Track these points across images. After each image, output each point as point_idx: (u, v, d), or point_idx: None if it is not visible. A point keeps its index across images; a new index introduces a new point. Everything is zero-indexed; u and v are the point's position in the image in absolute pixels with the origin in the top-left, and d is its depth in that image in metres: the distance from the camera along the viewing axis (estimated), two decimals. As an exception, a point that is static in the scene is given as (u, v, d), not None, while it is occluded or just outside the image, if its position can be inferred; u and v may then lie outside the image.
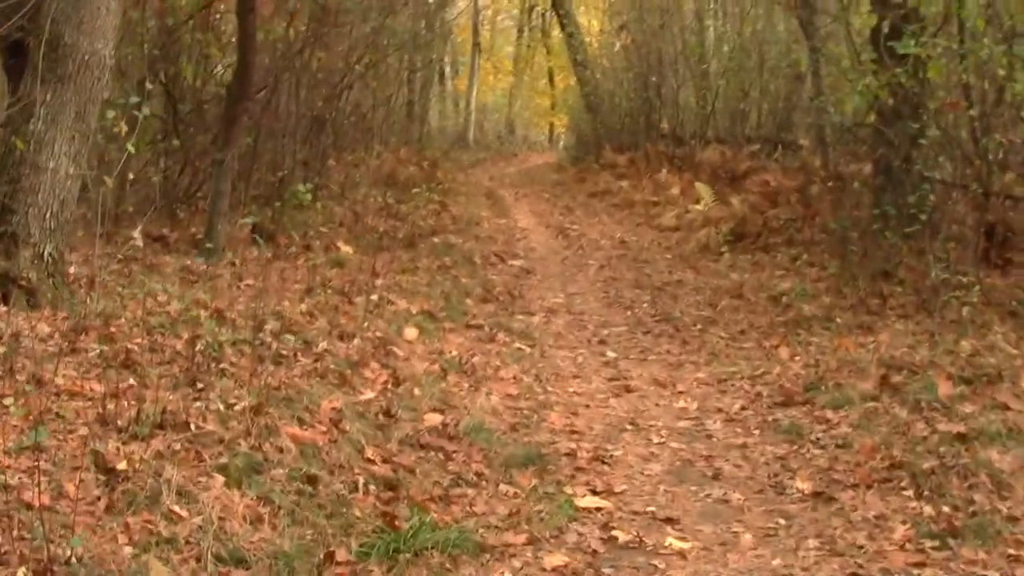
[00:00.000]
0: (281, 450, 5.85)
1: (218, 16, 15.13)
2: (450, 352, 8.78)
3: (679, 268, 13.66)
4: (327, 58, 17.95)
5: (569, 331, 10.45)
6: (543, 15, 47.16)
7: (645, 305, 11.59)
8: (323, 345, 8.05)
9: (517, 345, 9.48)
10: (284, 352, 7.71)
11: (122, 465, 5.17)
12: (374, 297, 10.10)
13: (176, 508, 4.92)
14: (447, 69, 47.66)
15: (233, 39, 14.79)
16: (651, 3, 24.74)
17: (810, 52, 17.64)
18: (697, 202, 17.19)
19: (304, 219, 14.15)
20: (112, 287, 8.76)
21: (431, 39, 37.06)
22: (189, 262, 11.27)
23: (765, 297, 11.34)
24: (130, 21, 14.54)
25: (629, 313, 11.27)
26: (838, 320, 10.01)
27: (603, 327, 10.65)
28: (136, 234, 8.40)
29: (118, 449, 5.38)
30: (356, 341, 8.37)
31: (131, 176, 12.22)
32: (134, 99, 7.64)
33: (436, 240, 14.50)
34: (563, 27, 30.20)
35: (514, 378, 8.38)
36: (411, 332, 9.08)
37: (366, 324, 8.87)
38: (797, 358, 8.97)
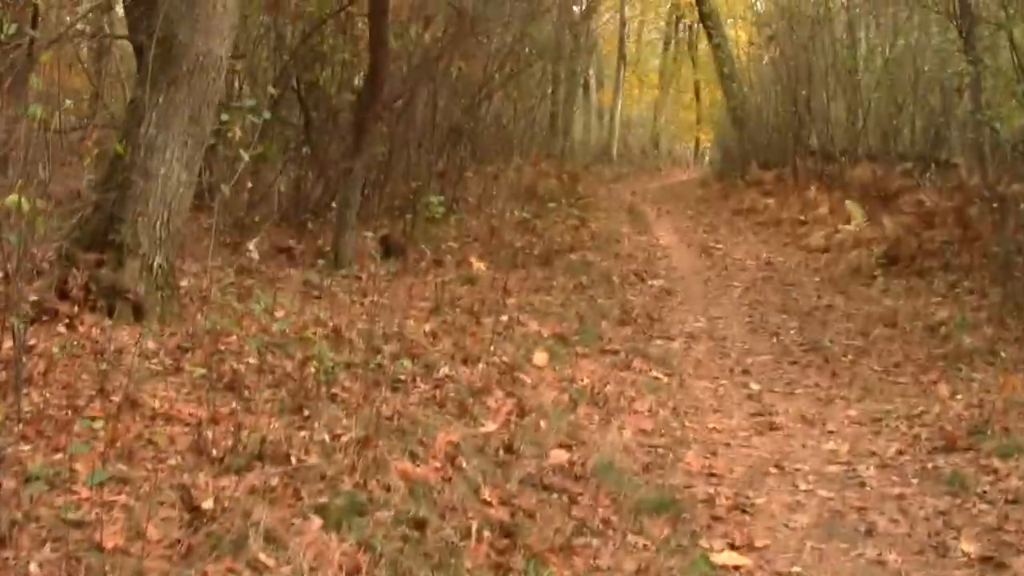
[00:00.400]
0: (388, 488, 5.33)
1: (356, 22, 14.71)
2: (581, 380, 8.18)
3: (828, 292, 12.86)
4: (467, 67, 17.53)
5: (710, 359, 9.77)
6: (690, 27, 46.41)
7: (792, 332, 10.84)
8: (444, 370, 7.53)
9: (654, 373, 8.83)
10: (402, 377, 7.21)
11: (208, 503, 4.67)
12: (504, 318, 9.56)
13: (263, 556, 4.40)
14: (592, 81, 47.16)
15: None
16: (801, 14, 23.84)
17: (969, 64, 16.67)
18: (847, 222, 16.33)
19: (437, 232, 13.71)
20: (227, 302, 8.35)
21: (575, 50, 36.71)
22: (313, 276, 10.86)
23: (921, 327, 10.52)
24: (263, 25, 14.33)
25: (775, 340, 10.53)
26: (1002, 354, 9.19)
27: (746, 355, 9.95)
28: (252, 246, 7.98)
29: (207, 484, 4.89)
30: (481, 366, 7.82)
31: (249, 184, 11.83)
32: (249, 102, 7.19)
33: (573, 257, 13.91)
34: (710, 39, 29.40)
35: (649, 411, 7.74)
36: (541, 357, 8.50)
37: (493, 348, 8.31)
38: (958, 397, 8.17)
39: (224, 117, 7.27)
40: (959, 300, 11.62)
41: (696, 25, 40.02)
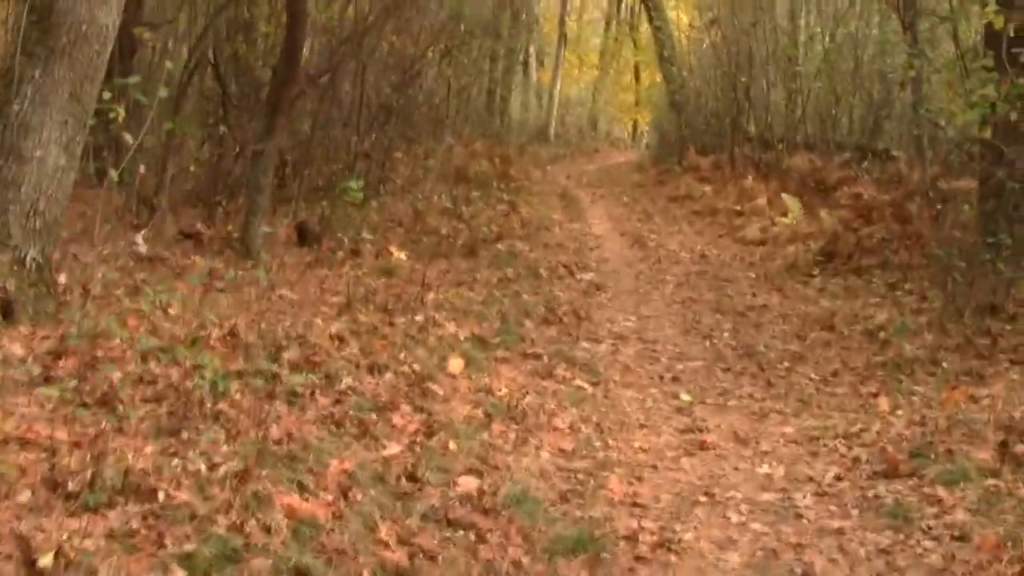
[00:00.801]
0: (269, 530, 4.69)
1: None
2: (499, 390, 7.54)
3: (764, 290, 12.31)
4: (398, 42, 16.82)
5: (639, 364, 9.17)
6: (632, 8, 45.87)
7: (726, 334, 10.27)
8: (347, 381, 6.88)
9: (578, 382, 8.21)
10: (299, 389, 6.54)
11: (47, 559, 4.00)
12: (419, 317, 8.92)
13: (104, 629, 3.75)
14: (532, 60, 46.48)
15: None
16: (743, -2, 23.34)
17: (910, 56, 16.21)
18: (784, 215, 15.82)
19: (358, 218, 13.05)
20: (114, 299, 7.64)
21: (514, 27, 35.99)
22: (220, 266, 10.16)
23: (860, 331, 9.98)
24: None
25: (707, 344, 9.95)
26: (944, 364, 8.70)
27: (678, 360, 9.36)
28: (139, 238, 7.24)
29: (55, 530, 4.23)
30: (388, 376, 7.19)
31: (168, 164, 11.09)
32: (133, 79, 6.45)
33: (500, 247, 13.26)
34: (651, 20, 28.84)
35: (570, 427, 7.11)
36: (456, 364, 7.84)
37: (404, 354, 7.67)
38: (899, 412, 7.65)
39: (106, 95, 6.52)
40: (898, 302, 11.12)
41: (638, 6, 39.49)
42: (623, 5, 47.95)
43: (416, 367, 7.44)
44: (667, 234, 16.67)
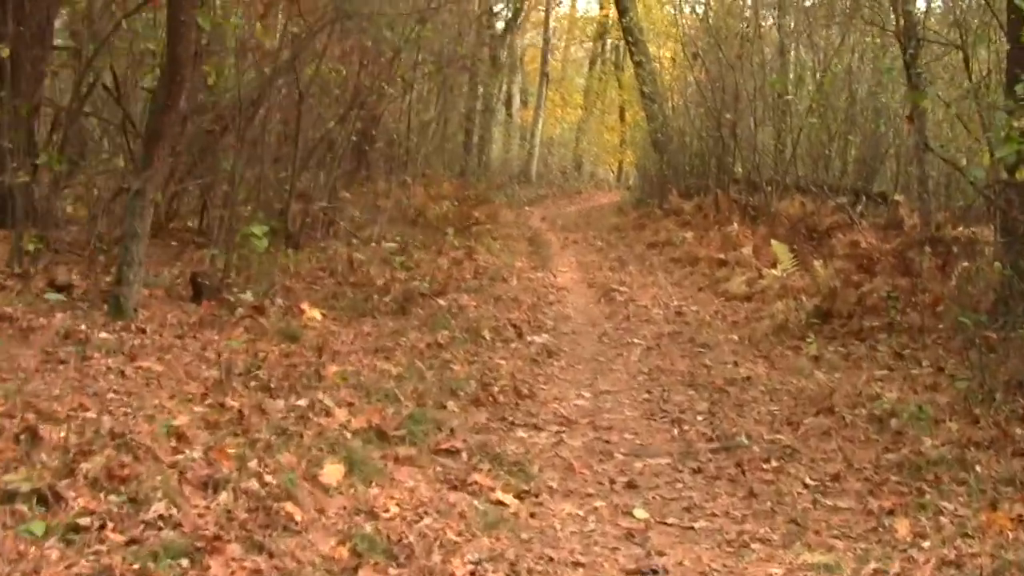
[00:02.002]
0: None
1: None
2: (385, 512, 5.48)
3: (748, 357, 10.26)
4: (346, 71, 14.90)
5: (586, 462, 7.08)
6: (617, 46, 44.13)
7: (699, 418, 8.19)
8: (160, 506, 4.80)
9: (499, 494, 6.12)
10: (84, 522, 4.51)
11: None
12: (303, 401, 6.84)
13: None
14: (516, 99, 44.79)
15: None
16: (728, 31, 21.42)
17: (912, 90, 14.36)
18: (773, 265, 13.82)
19: (280, 268, 10.97)
20: None
21: (493, 65, 34.20)
22: (84, 326, 8.14)
23: (865, 416, 7.92)
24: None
25: (675, 432, 7.86)
26: (977, 468, 6.65)
27: (636, 456, 7.27)
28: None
29: None
30: (224, 496, 5.10)
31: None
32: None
33: (442, 302, 11.20)
34: (632, 55, 26.88)
35: (472, 574, 5.03)
36: (333, 471, 5.78)
37: (260, 459, 5.60)
38: (925, 544, 5.60)
39: None
40: (910, 376, 9.11)
41: (623, 44, 37.74)
42: (607, 44, 46.23)
43: (271, 480, 5.37)
44: (640, 286, 14.64)
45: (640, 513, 6.16)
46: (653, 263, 17.07)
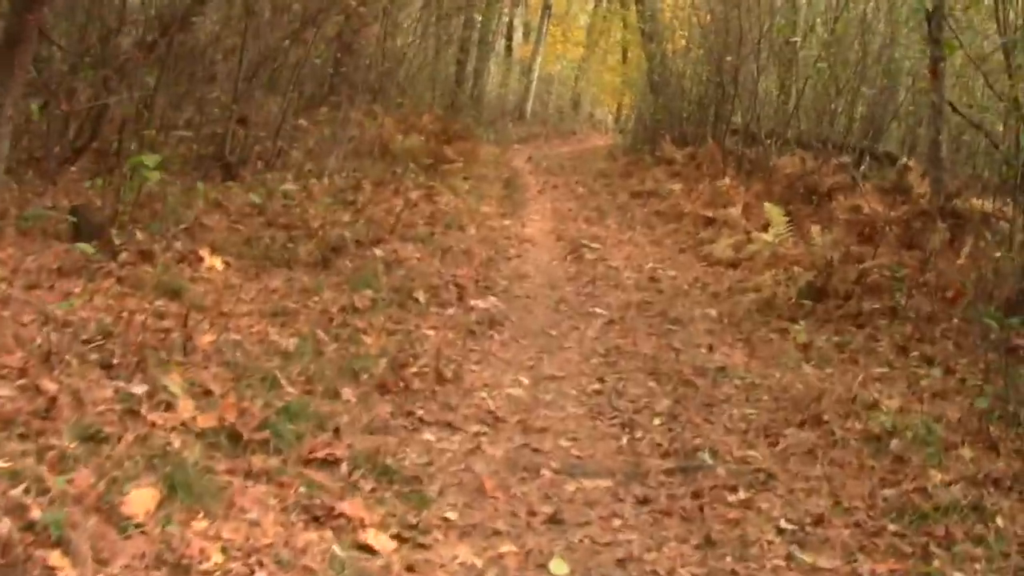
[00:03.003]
0: None
1: None
2: (201, 563, 3.92)
3: (726, 340, 8.66)
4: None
5: (504, 481, 5.49)
6: (625, -18, 42.17)
7: (657, 422, 6.59)
8: None
9: (369, 534, 4.53)
10: None
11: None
12: (138, 388, 5.25)
13: None
14: (517, 33, 43.00)
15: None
16: (737, -32, 19.64)
17: (931, 44, 12.72)
18: (765, 228, 12.17)
19: (186, 205, 9.33)
20: None
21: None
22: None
23: (859, 431, 6.35)
24: None
25: (624, 441, 6.25)
26: (999, 520, 5.16)
27: (569, 474, 5.66)
28: None
29: None
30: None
31: None
32: None
33: (378, 252, 9.59)
34: (633, -11, 25.10)
35: None
36: (142, 497, 4.22)
37: (25, 485, 4.02)
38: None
39: None
40: (915, 377, 7.57)
41: (630, -20, 35.92)
42: (616, -22, 44.18)
43: (37, 515, 3.79)
44: (616, 242, 13.00)
45: (559, 568, 4.59)
46: (635, 215, 15.42)
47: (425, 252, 10.21)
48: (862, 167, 16.11)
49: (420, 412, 6.14)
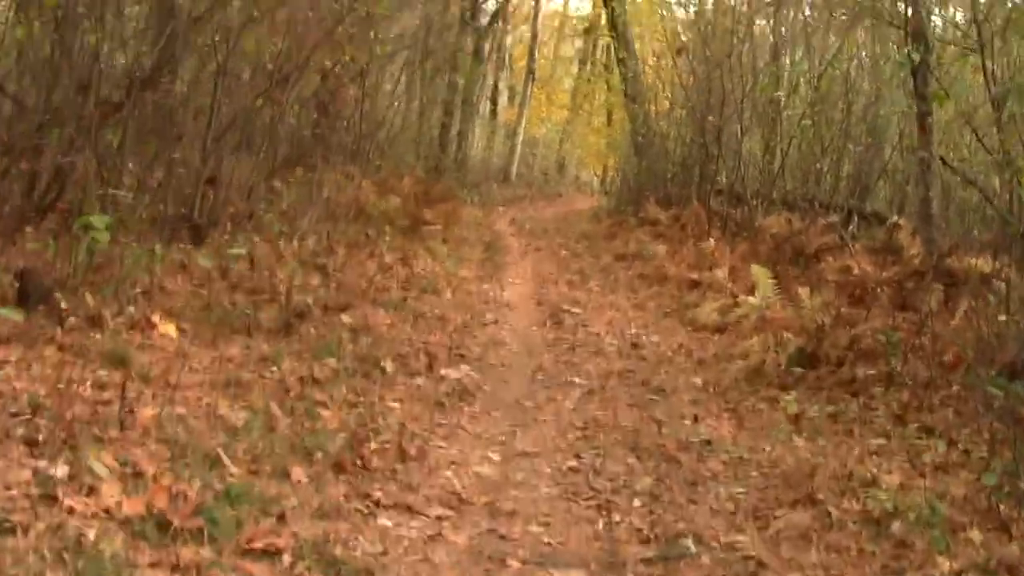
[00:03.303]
0: None
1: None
2: None
3: (712, 410, 8.14)
4: (274, 42, 12.85)
5: (465, 570, 4.92)
6: (608, 47, 41.99)
7: (637, 503, 6.03)
8: None
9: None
10: None
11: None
12: (60, 470, 4.71)
13: None
14: (503, 97, 42.87)
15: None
16: (718, 26, 19.32)
17: (918, 100, 12.34)
18: (751, 291, 11.68)
19: (139, 270, 8.80)
20: None
21: (475, 60, 32.27)
22: None
23: (858, 512, 5.81)
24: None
25: (601, 525, 5.68)
26: (1016, 611, 4.61)
27: (540, 562, 5.09)
28: None
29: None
30: None
31: None
32: None
33: (345, 319, 9.08)
34: (616, 50, 24.80)
35: None
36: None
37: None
38: None
39: None
40: (915, 449, 7.04)
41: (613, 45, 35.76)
42: (599, 44, 44.04)
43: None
44: (597, 307, 12.49)
45: None
46: (618, 278, 14.95)
47: (397, 318, 9.71)
48: (850, 227, 15.70)
49: (378, 494, 5.58)
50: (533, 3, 39.70)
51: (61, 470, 4.69)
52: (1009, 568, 5.08)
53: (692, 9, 23.98)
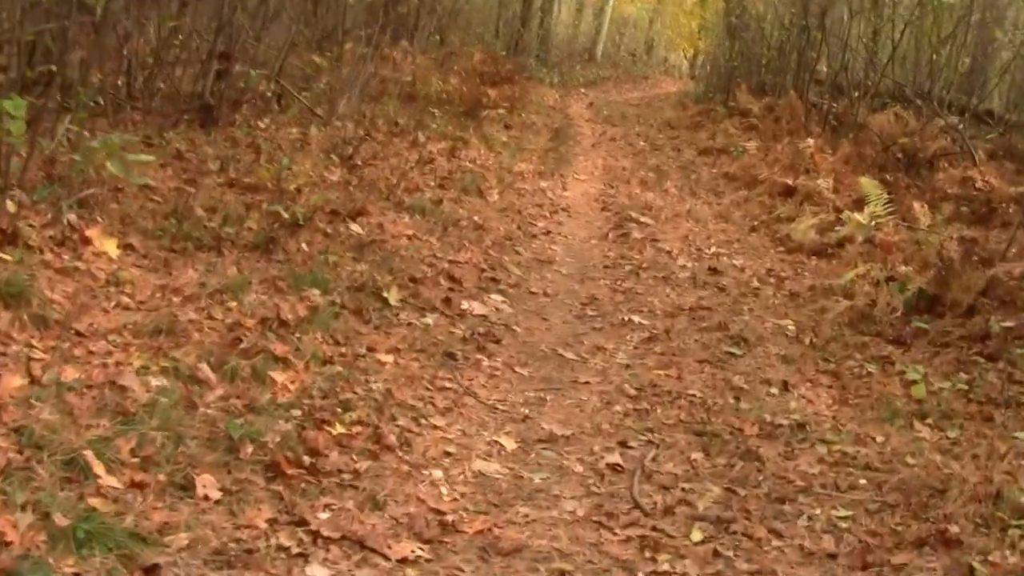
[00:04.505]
0: None
1: None
2: None
3: (807, 373, 6.20)
4: None
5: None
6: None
7: (697, 538, 4.15)
8: None
9: None
10: None
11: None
12: None
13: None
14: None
15: None
16: None
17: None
18: (858, 206, 9.66)
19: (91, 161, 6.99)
20: None
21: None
22: None
23: (1014, 564, 3.94)
24: None
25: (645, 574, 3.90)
26: None
27: None
28: None
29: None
30: None
31: None
32: None
33: (354, 228, 7.25)
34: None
35: None
36: None
37: None
38: None
39: None
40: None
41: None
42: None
43: None
44: (673, 215, 10.51)
45: None
46: (700, 178, 12.94)
47: (423, 227, 7.88)
48: (962, 125, 13.56)
49: (321, 518, 3.80)
50: None
51: None
52: None
53: None
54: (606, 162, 13.71)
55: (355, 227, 7.21)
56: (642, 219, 9.92)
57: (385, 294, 6.13)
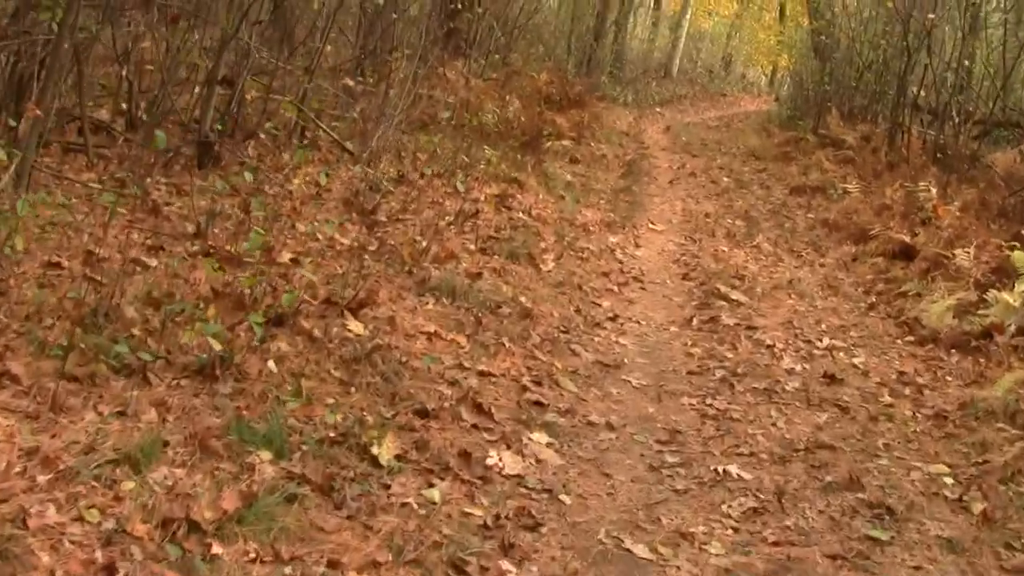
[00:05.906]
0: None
1: None
2: None
3: (985, 565, 4.08)
4: None
5: None
6: (786, -68, 37.05)
7: None
8: None
9: None
10: None
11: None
12: None
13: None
14: (671, -14, 38.51)
15: None
16: None
17: None
18: (1006, 283, 7.47)
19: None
20: None
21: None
22: None
23: None
24: None
25: None
26: None
27: None
28: None
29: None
30: None
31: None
32: None
33: (352, 327, 5.23)
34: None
35: None
36: None
37: None
38: None
39: None
40: None
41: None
42: (774, -71, 38.95)
43: None
44: (771, 287, 8.32)
45: None
46: (795, 227, 10.79)
47: (449, 318, 5.82)
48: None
49: None
50: None
51: None
52: None
53: None
54: (686, 205, 11.56)
55: (354, 325, 5.19)
56: (732, 295, 7.78)
57: (374, 449, 4.09)
